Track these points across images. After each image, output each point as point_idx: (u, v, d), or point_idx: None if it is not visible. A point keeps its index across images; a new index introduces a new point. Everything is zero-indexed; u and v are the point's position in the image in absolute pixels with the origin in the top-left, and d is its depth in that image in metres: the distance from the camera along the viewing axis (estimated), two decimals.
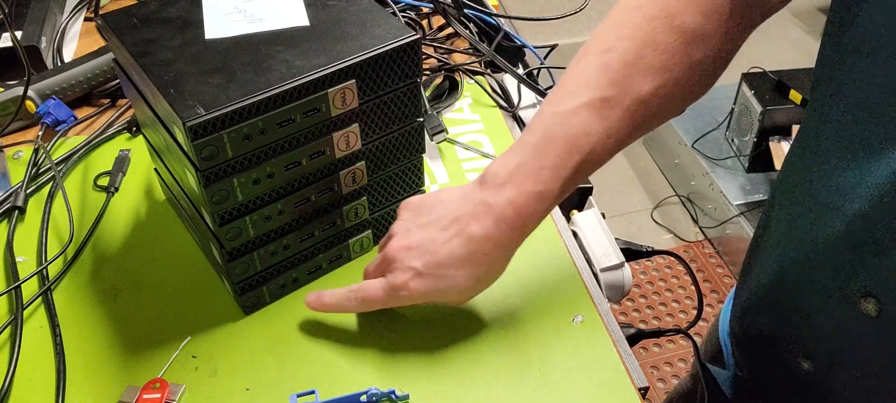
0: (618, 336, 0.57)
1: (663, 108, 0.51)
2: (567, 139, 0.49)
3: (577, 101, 0.49)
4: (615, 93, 0.49)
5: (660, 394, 1.63)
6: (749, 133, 1.91)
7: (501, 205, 0.49)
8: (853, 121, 0.42)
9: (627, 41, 0.49)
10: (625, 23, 0.50)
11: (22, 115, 0.75)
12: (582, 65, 0.51)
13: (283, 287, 0.58)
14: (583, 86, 0.50)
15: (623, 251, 0.66)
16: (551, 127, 0.50)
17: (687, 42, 0.49)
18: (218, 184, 0.49)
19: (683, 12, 0.49)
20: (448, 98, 0.80)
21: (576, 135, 0.49)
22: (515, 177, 0.50)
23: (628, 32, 0.50)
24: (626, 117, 0.50)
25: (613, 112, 0.49)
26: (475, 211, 0.50)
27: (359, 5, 0.56)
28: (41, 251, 0.62)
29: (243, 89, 0.47)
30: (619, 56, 0.49)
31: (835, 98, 0.43)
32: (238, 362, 0.54)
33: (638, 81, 0.49)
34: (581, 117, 0.49)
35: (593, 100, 0.49)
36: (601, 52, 0.50)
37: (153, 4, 0.56)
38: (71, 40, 0.91)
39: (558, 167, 0.49)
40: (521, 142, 0.51)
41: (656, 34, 0.49)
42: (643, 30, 0.49)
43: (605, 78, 0.49)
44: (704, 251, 1.97)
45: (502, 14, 0.88)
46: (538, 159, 0.50)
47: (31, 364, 0.53)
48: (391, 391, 0.52)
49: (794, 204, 0.48)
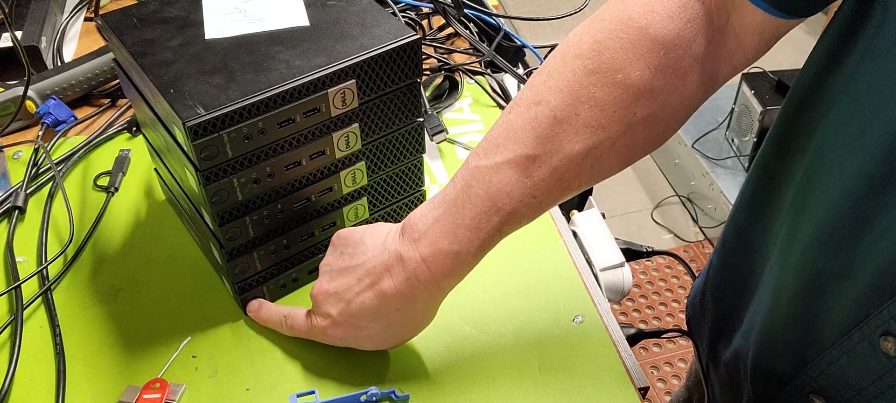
0: (618, 336, 0.57)
1: (596, 170, 0.46)
2: (487, 197, 0.45)
3: (501, 157, 0.45)
4: (542, 152, 0.45)
5: (660, 394, 1.63)
6: (749, 133, 1.91)
7: (415, 262, 0.46)
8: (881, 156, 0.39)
9: (560, 95, 0.44)
10: (560, 73, 0.45)
11: (22, 115, 0.75)
12: (511, 116, 0.46)
13: (283, 287, 0.58)
14: (509, 141, 0.45)
15: (623, 251, 0.67)
16: (472, 182, 0.46)
17: (630, 99, 0.44)
18: (218, 183, 0.49)
19: (628, 66, 0.43)
20: (448, 98, 0.80)
21: (496, 194, 0.45)
22: (431, 232, 0.46)
23: (562, 85, 0.45)
24: (553, 178, 0.45)
25: (539, 171, 0.45)
26: (389, 263, 0.47)
27: (359, 5, 0.56)
28: (41, 251, 0.62)
29: (243, 89, 0.47)
30: (550, 111, 0.44)
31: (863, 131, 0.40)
32: (238, 362, 0.54)
33: (568, 140, 0.44)
34: (503, 175, 0.45)
35: (518, 158, 0.45)
36: (532, 104, 0.45)
37: (153, 4, 0.56)
38: (71, 40, 0.91)
39: (476, 228, 0.46)
40: (442, 195, 0.47)
41: (593, 89, 0.44)
42: (579, 83, 0.44)
43: (533, 134, 0.45)
44: (704, 251, 1.97)
45: (502, 14, 0.88)
46: (455, 217, 0.46)
47: (31, 364, 0.53)
48: (391, 391, 0.52)
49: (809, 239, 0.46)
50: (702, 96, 0.47)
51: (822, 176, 0.45)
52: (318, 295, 0.51)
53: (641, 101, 0.44)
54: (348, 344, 0.52)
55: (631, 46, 0.43)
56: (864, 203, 0.41)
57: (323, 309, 0.51)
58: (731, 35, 0.45)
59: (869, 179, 0.40)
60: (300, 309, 0.54)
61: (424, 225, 0.47)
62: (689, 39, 0.44)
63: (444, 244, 0.46)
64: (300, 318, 0.53)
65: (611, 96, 0.44)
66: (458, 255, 0.46)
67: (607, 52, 0.44)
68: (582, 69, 0.44)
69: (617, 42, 0.44)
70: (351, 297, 0.49)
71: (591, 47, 0.45)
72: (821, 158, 0.45)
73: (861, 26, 0.41)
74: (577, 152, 0.45)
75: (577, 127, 0.44)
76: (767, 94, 1.87)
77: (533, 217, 0.47)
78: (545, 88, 0.45)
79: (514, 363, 0.54)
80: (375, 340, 0.51)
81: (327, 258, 0.52)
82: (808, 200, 0.46)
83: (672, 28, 0.43)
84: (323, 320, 0.51)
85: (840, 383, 0.46)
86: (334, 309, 0.50)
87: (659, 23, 0.43)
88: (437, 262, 0.46)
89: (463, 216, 0.46)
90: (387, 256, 0.48)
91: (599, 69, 0.44)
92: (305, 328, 0.53)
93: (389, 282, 0.47)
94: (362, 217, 0.60)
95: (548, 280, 0.60)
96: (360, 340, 0.51)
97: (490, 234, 0.46)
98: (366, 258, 0.49)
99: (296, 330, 0.54)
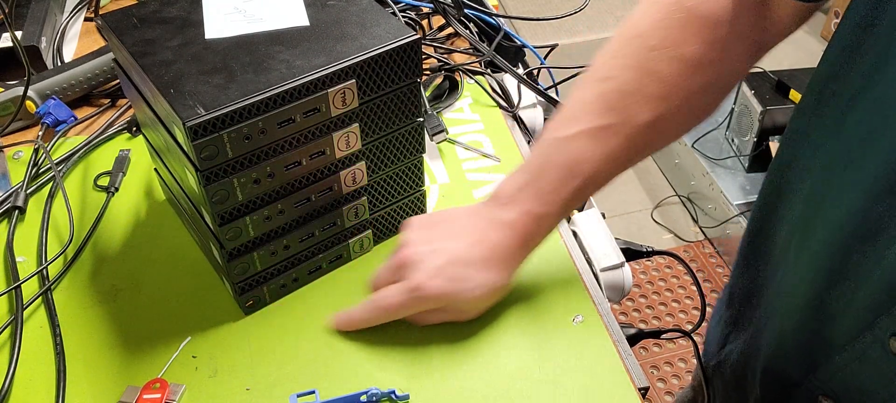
0: (618, 336, 0.57)
1: (662, 135, 0.52)
2: (565, 164, 0.51)
3: (576, 128, 0.50)
4: (614, 122, 0.50)
5: (660, 394, 1.63)
6: (749, 133, 1.91)
7: (504, 224, 0.52)
8: None
9: (627, 70, 0.50)
10: (624, 52, 0.51)
11: (22, 115, 0.75)
12: (581, 92, 0.51)
13: (283, 287, 0.58)
14: (582, 113, 0.51)
15: (623, 251, 0.66)
16: (551, 152, 0.51)
17: (687, 71, 0.49)
18: (218, 183, 0.49)
19: (684, 42, 0.49)
20: (448, 98, 0.80)
21: (574, 161, 0.50)
22: (518, 198, 0.52)
23: (627, 62, 0.50)
24: (625, 144, 0.50)
25: (612, 139, 0.50)
26: (489, 222, 0.52)
27: (359, 5, 0.56)
28: (41, 251, 0.62)
29: (243, 89, 0.47)
30: (618, 85, 0.50)
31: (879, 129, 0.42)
32: (238, 362, 0.54)
33: (636, 110, 0.49)
34: (579, 144, 0.50)
35: (592, 129, 0.50)
36: (600, 80, 0.51)
37: (153, 4, 0.56)
38: (71, 40, 0.91)
39: (556, 191, 0.51)
40: (526, 165, 0.53)
41: (655, 64, 0.49)
42: (642, 59, 0.50)
43: (604, 106, 0.50)
44: (704, 251, 1.97)
45: (502, 14, 0.88)
46: (539, 183, 0.51)
47: (31, 364, 0.53)
48: (391, 391, 0.52)
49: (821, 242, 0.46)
50: (749, 65, 0.52)
51: (833, 180, 0.45)
52: (415, 255, 0.52)
53: (698, 73, 0.49)
54: (442, 301, 0.52)
55: (684, 24, 0.49)
56: (876, 205, 0.41)
57: (424, 264, 0.52)
58: (772, 8, 0.49)
59: (881, 183, 0.40)
60: (382, 290, 0.53)
61: (511, 193, 0.52)
62: (735, 15, 0.49)
63: (529, 206, 0.51)
64: (388, 291, 0.53)
65: (670, 70, 0.49)
66: (541, 217, 0.52)
67: (664, 30, 0.49)
68: (643, 47, 0.50)
69: (671, 21, 0.49)
70: (456, 250, 0.52)
71: (649, 27, 0.50)
72: (833, 162, 0.45)
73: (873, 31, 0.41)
74: (644, 121, 0.50)
75: (643, 98, 0.49)
76: (767, 94, 1.86)
77: (607, 181, 0.52)
78: (611, 65, 0.51)
79: (514, 363, 0.54)
80: (475, 293, 0.52)
81: (409, 233, 0.54)
82: (821, 204, 0.46)
83: (718, 6, 0.49)
84: (421, 274, 0.51)
85: (851, 386, 0.45)
86: (438, 260, 0.52)
87: (705, 3, 0.49)
88: (524, 223, 0.51)
89: (545, 182, 0.51)
90: (482, 219, 0.53)
91: (659, 46, 0.49)
92: (398, 294, 0.52)
93: (495, 235, 0.52)
94: (362, 217, 0.60)
95: (548, 280, 0.60)
96: (460, 292, 0.52)
97: (570, 197, 0.51)
98: (459, 223, 0.54)
99: (387, 305, 0.53)
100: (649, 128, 0.50)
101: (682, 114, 0.51)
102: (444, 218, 0.55)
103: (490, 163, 0.73)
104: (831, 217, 0.45)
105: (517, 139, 0.76)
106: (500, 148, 0.74)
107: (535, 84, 0.83)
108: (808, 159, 0.49)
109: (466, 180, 0.71)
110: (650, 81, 0.49)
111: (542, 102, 0.83)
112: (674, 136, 0.53)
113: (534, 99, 0.82)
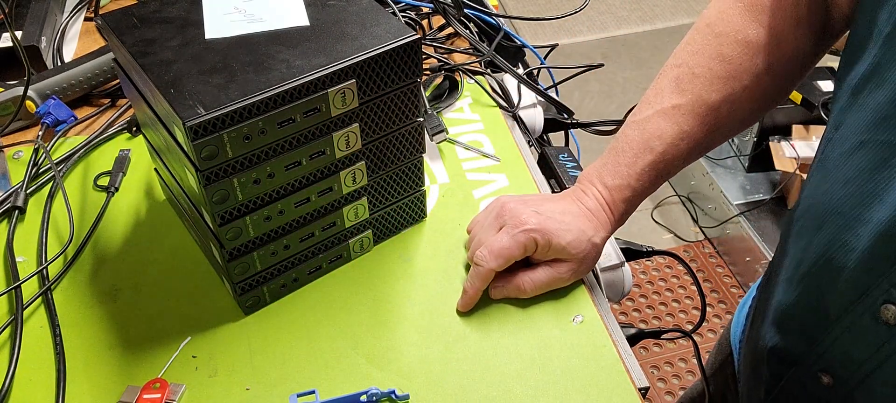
0: (618, 336, 0.57)
1: (734, 115, 0.56)
2: (640, 140, 0.56)
3: (651, 110, 0.57)
4: (686, 101, 0.55)
5: (660, 394, 1.63)
6: (749, 133, 1.91)
7: (586, 197, 0.57)
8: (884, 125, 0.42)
9: (697, 56, 0.56)
10: (695, 40, 0.57)
11: (22, 115, 0.75)
12: (658, 81, 0.58)
13: (283, 287, 0.58)
14: (657, 97, 0.57)
15: (623, 251, 0.66)
16: (630, 132, 0.57)
17: (750, 53, 0.54)
18: (218, 183, 0.49)
19: (746, 27, 0.55)
20: (448, 98, 0.80)
21: (648, 137, 0.56)
22: (599, 172, 0.58)
23: (698, 48, 0.56)
24: (698, 122, 0.55)
25: (685, 118, 0.55)
26: (574, 197, 0.58)
27: (359, 5, 0.56)
28: (41, 251, 0.62)
29: (243, 89, 0.47)
30: (689, 69, 0.56)
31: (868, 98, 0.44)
32: (238, 362, 0.54)
33: (707, 90, 0.55)
34: (654, 122, 0.56)
35: (665, 108, 0.56)
36: (674, 66, 0.57)
37: (153, 4, 0.56)
38: (71, 40, 0.91)
39: (630, 165, 0.56)
40: (609, 149, 0.59)
41: (722, 48, 0.55)
42: (711, 45, 0.55)
43: (677, 88, 0.56)
44: (704, 251, 1.97)
45: (502, 14, 0.88)
46: (617, 158, 0.57)
47: (31, 364, 0.53)
48: (391, 391, 0.52)
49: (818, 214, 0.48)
50: (818, 48, 0.56)
51: (834, 148, 0.47)
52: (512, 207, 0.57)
53: (760, 54, 0.54)
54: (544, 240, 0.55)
55: (745, 11, 0.55)
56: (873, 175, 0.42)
57: (525, 208, 0.56)
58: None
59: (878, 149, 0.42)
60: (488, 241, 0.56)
61: (594, 170, 0.59)
62: (794, 2, 0.54)
63: (608, 180, 0.57)
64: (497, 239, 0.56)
65: (734, 53, 0.54)
66: (614, 189, 0.57)
67: (728, 18, 0.56)
68: (711, 33, 0.56)
69: (735, 10, 0.56)
70: (552, 204, 0.58)
71: (716, 16, 0.57)
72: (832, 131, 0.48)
73: None
74: (714, 100, 0.55)
75: (712, 79, 0.55)
76: None
77: (683, 158, 0.57)
78: (684, 53, 0.57)
79: (514, 363, 0.54)
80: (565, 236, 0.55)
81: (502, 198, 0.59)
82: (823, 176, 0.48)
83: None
84: (526, 215, 0.56)
85: (845, 358, 0.46)
86: (531, 208, 0.56)
87: None
88: (603, 195, 0.57)
89: (621, 158, 0.57)
90: (564, 196, 0.59)
91: (724, 32, 0.55)
92: (507, 238, 0.55)
93: (571, 207, 0.57)
94: (362, 217, 0.60)
95: None
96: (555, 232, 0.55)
97: (643, 171, 0.56)
98: (547, 199, 0.59)
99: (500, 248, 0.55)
100: (719, 107, 0.55)
101: (750, 95, 0.55)
102: (532, 196, 0.60)
103: (490, 162, 0.73)
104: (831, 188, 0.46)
105: (517, 139, 0.76)
106: (500, 148, 0.74)
107: (535, 84, 0.83)
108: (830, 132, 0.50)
109: (466, 180, 0.71)
110: (717, 64, 0.55)
111: (542, 102, 0.83)
112: (748, 118, 0.57)
113: (534, 99, 0.82)
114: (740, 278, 1.86)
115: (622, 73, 2.60)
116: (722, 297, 1.84)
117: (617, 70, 2.61)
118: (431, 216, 0.67)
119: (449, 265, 0.62)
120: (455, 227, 0.65)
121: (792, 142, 1.82)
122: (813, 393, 0.50)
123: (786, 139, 1.85)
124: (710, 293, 1.86)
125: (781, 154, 1.82)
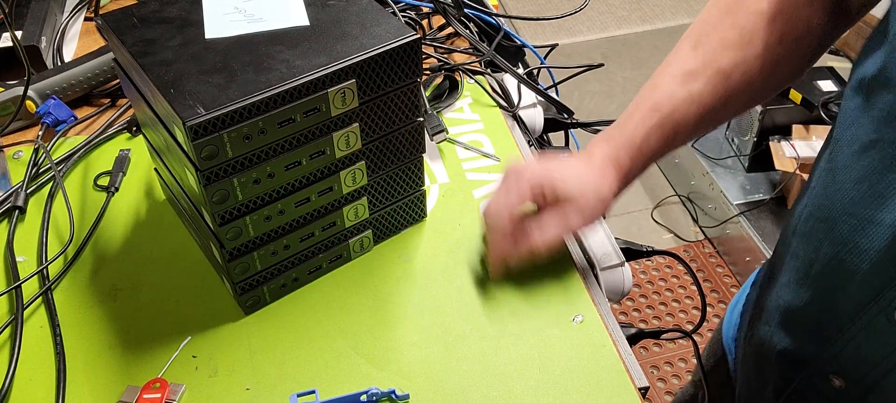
0: (618, 336, 0.57)
1: (745, 83, 0.56)
2: (650, 100, 0.57)
3: (665, 75, 0.58)
4: (698, 66, 0.56)
5: (660, 394, 1.63)
6: (749, 132, 1.91)
7: (597, 153, 0.58)
8: None
9: (711, 25, 0.57)
10: (711, 12, 0.58)
11: (22, 115, 0.75)
12: (674, 51, 0.59)
13: (283, 287, 0.58)
14: (672, 64, 0.58)
15: (623, 251, 0.66)
16: (643, 94, 0.59)
17: (762, 22, 0.55)
18: (218, 183, 0.49)
19: None
20: (448, 98, 0.80)
21: (658, 97, 0.57)
22: (607, 133, 0.59)
23: (712, 18, 0.58)
24: (709, 89, 0.56)
25: (696, 82, 0.56)
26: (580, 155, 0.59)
27: (359, 5, 0.56)
28: (41, 251, 0.62)
29: (243, 89, 0.47)
30: (702, 38, 0.57)
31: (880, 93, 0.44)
32: (238, 362, 0.54)
33: (719, 55, 0.56)
34: (665, 84, 0.57)
35: (677, 72, 0.57)
36: (688, 36, 0.59)
37: (153, 4, 0.56)
38: (71, 40, 0.91)
39: (641, 123, 0.57)
40: (623, 113, 0.60)
41: (736, 18, 0.56)
42: (725, 15, 0.57)
43: (690, 54, 0.57)
44: (704, 251, 1.97)
45: (502, 14, 0.88)
46: (627, 118, 0.58)
47: (31, 364, 0.53)
48: (391, 391, 0.52)
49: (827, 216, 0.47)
50: (833, 25, 0.56)
51: (842, 147, 0.46)
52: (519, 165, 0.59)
53: (772, 23, 0.55)
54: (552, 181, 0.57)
55: None
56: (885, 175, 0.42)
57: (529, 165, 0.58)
58: None
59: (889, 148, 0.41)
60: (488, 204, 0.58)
61: (603, 133, 0.60)
62: None
63: (614, 137, 0.58)
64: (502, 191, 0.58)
65: (748, 21, 0.55)
66: (621, 145, 0.58)
67: None
68: (727, 4, 0.57)
69: None
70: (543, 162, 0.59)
71: None
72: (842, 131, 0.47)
73: None
74: (726, 65, 0.56)
75: (724, 45, 0.56)
76: None
77: (694, 124, 0.57)
78: (700, 23, 0.59)
79: (514, 363, 0.54)
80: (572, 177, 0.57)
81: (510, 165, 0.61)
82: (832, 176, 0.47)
83: None
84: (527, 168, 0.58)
85: (858, 359, 0.46)
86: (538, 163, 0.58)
87: None
88: (606, 151, 0.58)
89: (633, 116, 0.58)
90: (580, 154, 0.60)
91: (740, 3, 0.56)
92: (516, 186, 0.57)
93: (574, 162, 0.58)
94: (362, 217, 0.60)
95: (548, 280, 0.60)
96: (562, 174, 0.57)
97: (650, 130, 0.57)
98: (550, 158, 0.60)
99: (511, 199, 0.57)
100: (730, 73, 0.56)
101: (762, 64, 0.56)
102: None
103: (490, 162, 0.73)
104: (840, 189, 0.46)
105: (517, 139, 0.76)
106: (500, 147, 0.74)
107: (535, 84, 0.83)
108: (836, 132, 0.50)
109: (466, 180, 0.71)
110: (730, 31, 0.56)
111: (542, 102, 0.83)
112: (760, 90, 0.58)
113: (534, 98, 0.82)
114: (740, 278, 1.86)
115: (622, 73, 2.60)
116: (722, 297, 1.84)
117: (617, 70, 2.61)
118: (431, 216, 0.67)
119: (449, 265, 0.62)
120: (455, 227, 0.65)
121: (792, 142, 1.82)
122: (825, 395, 0.49)
123: (786, 139, 1.85)
124: (710, 293, 1.86)
125: (781, 154, 1.82)
